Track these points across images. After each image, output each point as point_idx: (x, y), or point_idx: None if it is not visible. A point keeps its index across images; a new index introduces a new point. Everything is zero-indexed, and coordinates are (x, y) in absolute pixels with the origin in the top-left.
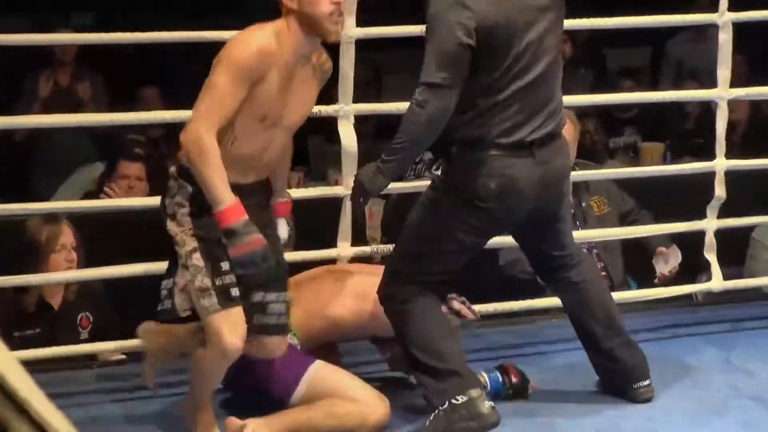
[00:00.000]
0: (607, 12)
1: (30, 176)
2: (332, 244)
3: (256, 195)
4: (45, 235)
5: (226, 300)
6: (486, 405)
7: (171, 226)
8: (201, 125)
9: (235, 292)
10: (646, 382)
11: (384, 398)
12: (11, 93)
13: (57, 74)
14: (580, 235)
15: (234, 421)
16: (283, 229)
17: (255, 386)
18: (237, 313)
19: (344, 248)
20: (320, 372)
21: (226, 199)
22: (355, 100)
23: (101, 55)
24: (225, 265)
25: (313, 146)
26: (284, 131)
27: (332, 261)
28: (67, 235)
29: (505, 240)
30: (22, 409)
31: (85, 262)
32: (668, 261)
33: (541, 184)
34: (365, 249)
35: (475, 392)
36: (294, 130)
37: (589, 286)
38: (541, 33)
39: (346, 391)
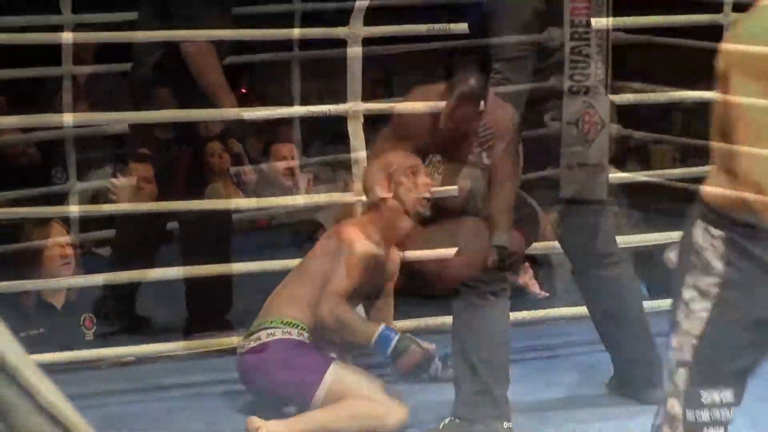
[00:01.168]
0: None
1: (48, 175)
2: None
3: None
4: (36, 235)
5: None
6: (504, 426)
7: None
8: None
9: None
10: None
11: (402, 400)
12: (32, 92)
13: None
14: None
15: (255, 420)
16: None
17: (275, 390)
18: None
19: None
20: (339, 373)
21: None
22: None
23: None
24: (708, 396)
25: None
26: None
27: None
28: (59, 233)
29: None
30: (10, 375)
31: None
32: None
33: None
34: None
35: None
36: None
37: (628, 286)
38: None
39: (365, 392)
